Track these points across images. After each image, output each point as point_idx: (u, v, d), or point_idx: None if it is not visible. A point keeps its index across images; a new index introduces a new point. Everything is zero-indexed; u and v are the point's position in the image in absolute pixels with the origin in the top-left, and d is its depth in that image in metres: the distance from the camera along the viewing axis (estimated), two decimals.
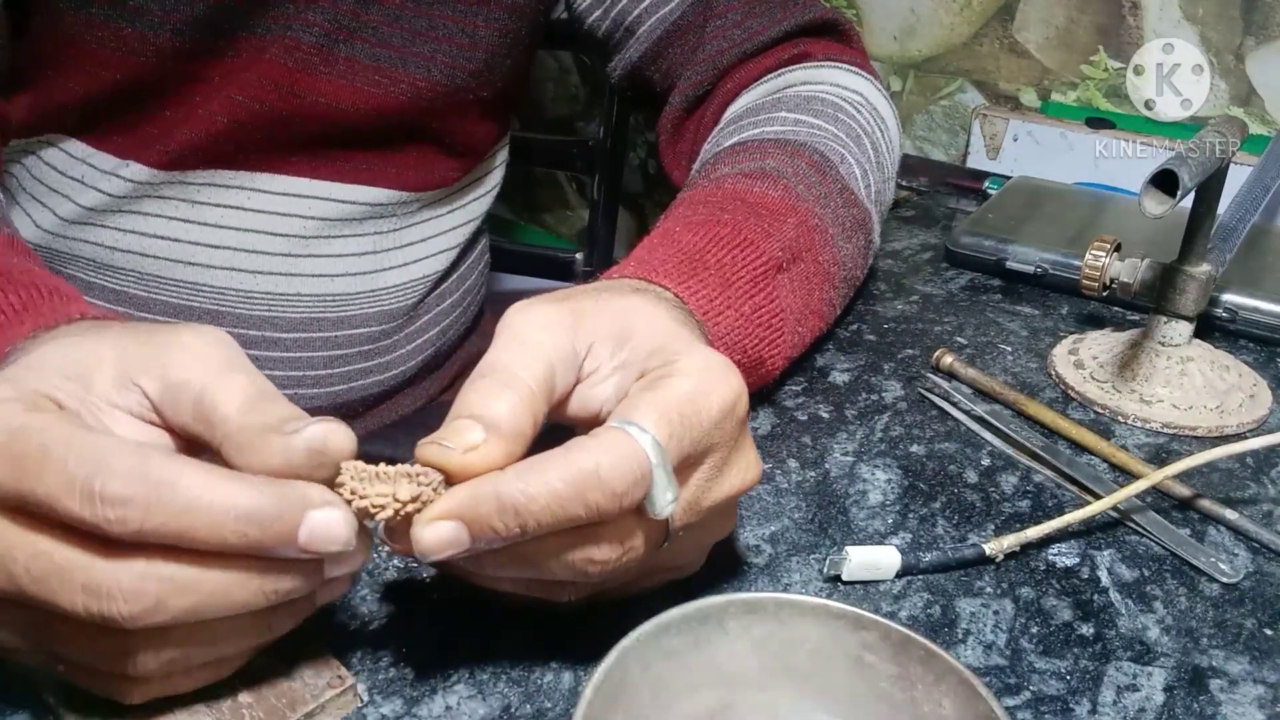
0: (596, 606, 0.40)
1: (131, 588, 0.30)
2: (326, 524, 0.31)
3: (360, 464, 0.33)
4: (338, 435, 0.33)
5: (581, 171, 1.04)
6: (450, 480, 0.34)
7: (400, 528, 0.33)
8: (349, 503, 0.32)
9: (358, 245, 0.68)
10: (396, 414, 0.76)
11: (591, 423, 0.38)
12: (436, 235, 0.74)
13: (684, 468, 0.36)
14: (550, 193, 1.38)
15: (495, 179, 0.79)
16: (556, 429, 0.38)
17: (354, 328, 0.70)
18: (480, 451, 0.34)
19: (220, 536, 0.30)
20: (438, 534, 0.33)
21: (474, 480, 0.33)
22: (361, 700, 0.37)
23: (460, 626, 0.41)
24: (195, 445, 0.34)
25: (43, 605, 0.30)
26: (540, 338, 0.37)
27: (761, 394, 0.58)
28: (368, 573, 0.43)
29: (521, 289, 1.31)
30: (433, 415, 0.79)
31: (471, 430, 0.34)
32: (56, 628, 0.31)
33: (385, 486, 0.33)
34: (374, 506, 0.32)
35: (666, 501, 0.35)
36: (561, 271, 1.02)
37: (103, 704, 0.34)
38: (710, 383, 0.37)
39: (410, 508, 0.33)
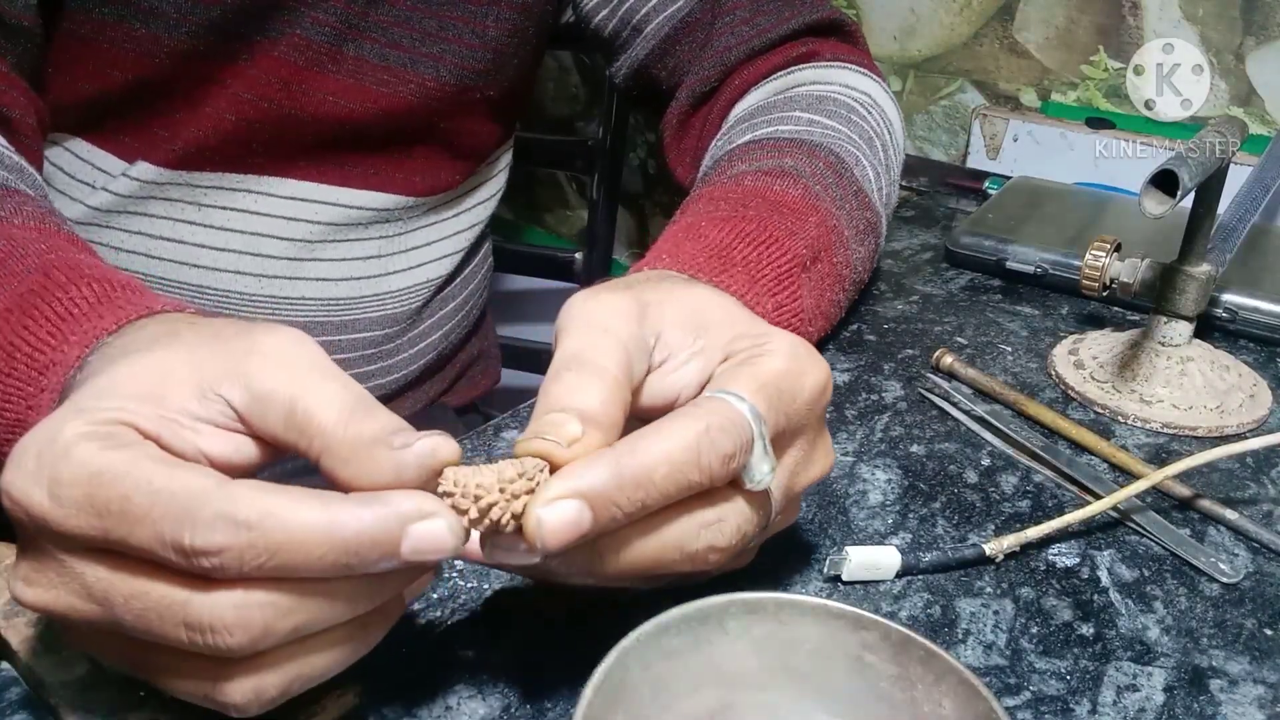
0: (597, 606, 0.40)
1: (235, 619, 0.29)
2: (429, 536, 0.30)
3: (463, 468, 0.32)
4: (446, 448, 0.32)
5: (581, 171, 1.04)
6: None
7: (504, 538, 0.32)
8: (449, 495, 0.31)
9: (363, 250, 0.68)
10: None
11: (667, 412, 0.37)
12: (441, 240, 0.74)
13: (778, 445, 0.36)
14: (550, 193, 1.38)
15: (500, 183, 0.79)
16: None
17: (357, 332, 0.70)
18: (583, 444, 0.33)
19: (321, 567, 0.29)
20: (559, 515, 0.31)
21: (584, 459, 0.32)
22: (360, 700, 0.37)
23: (460, 626, 0.41)
24: (283, 452, 0.33)
25: (145, 638, 0.30)
26: (615, 325, 0.36)
27: None
28: None
29: (521, 289, 1.31)
30: (434, 417, 0.80)
31: (569, 423, 0.33)
32: (155, 657, 0.31)
33: (488, 478, 0.31)
34: (479, 489, 0.31)
35: (764, 472, 0.35)
36: (561, 271, 1.03)
37: (103, 704, 0.34)
38: (803, 363, 0.37)
39: (517, 485, 0.31)
